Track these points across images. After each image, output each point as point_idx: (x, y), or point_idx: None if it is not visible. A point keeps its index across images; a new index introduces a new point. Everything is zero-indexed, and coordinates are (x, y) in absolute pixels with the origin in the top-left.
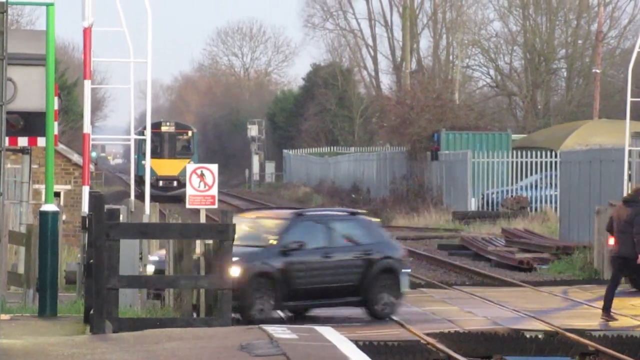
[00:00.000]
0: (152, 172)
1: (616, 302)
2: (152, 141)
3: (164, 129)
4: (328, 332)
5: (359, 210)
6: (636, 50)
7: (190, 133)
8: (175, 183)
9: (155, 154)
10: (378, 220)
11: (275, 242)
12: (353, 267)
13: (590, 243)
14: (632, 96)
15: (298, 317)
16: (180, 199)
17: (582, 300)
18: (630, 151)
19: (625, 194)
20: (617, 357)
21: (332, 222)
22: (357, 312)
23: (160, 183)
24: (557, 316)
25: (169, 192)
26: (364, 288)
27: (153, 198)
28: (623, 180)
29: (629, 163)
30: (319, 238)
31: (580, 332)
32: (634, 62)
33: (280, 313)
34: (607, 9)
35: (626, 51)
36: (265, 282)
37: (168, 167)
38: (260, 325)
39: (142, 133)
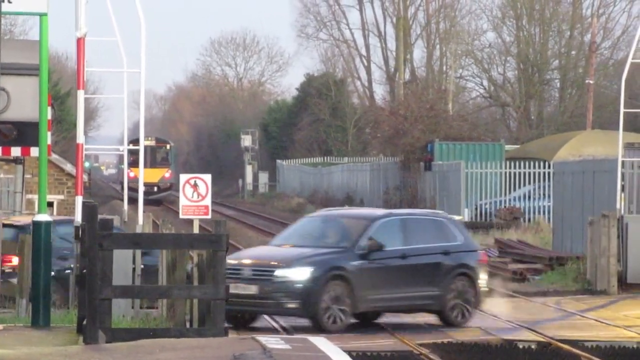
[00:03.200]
0: (137, 179)
1: (609, 313)
2: (135, 153)
3: (145, 142)
4: (321, 343)
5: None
6: (629, 61)
7: (168, 146)
8: (155, 189)
9: (138, 164)
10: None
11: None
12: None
13: (583, 254)
14: (625, 107)
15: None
16: (160, 202)
17: (575, 311)
18: (623, 162)
19: (618, 205)
20: None
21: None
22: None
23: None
24: (550, 327)
25: (150, 196)
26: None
27: (135, 200)
28: (616, 191)
29: (622, 174)
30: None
31: (573, 343)
32: (627, 73)
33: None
34: (600, 20)
35: (619, 62)
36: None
37: (149, 175)
38: (254, 335)
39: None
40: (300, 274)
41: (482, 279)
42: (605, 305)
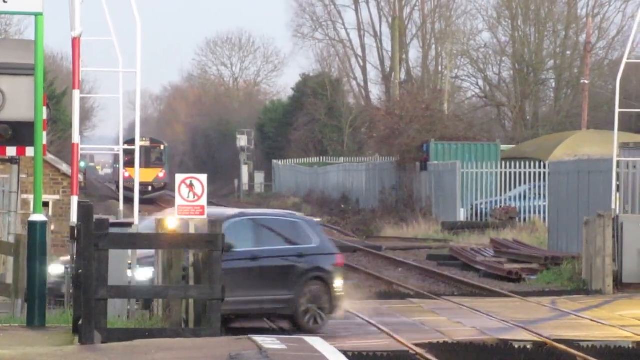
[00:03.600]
0: (132, 179)
1: (604, 313)
2: (130, 153)
3: (140, 143)
4: (317, 343)
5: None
6: (624, 61)
7: (162, 147)
8: (149, 188)
9: (133, 164)
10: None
11: None
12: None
13: (578, 254)
14: (620, 107)
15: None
16: (154, 201)
17: (571, 310)
18: (618, 162)
19: (613, 205)
20: None
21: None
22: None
23: None
24: (545, 326)
25: (144, 195)
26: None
27: (131, 200)
28: (611, 191)
29: (617, 174)
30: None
31: (569, 343)
32: (622, 73)
33: None
34: (596, 20)
35: (614, 62)
36: None
37: (143, 174)
38: (250, 335)
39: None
40: (142, 275)
41: (338, 283)
42: (601, 305)
